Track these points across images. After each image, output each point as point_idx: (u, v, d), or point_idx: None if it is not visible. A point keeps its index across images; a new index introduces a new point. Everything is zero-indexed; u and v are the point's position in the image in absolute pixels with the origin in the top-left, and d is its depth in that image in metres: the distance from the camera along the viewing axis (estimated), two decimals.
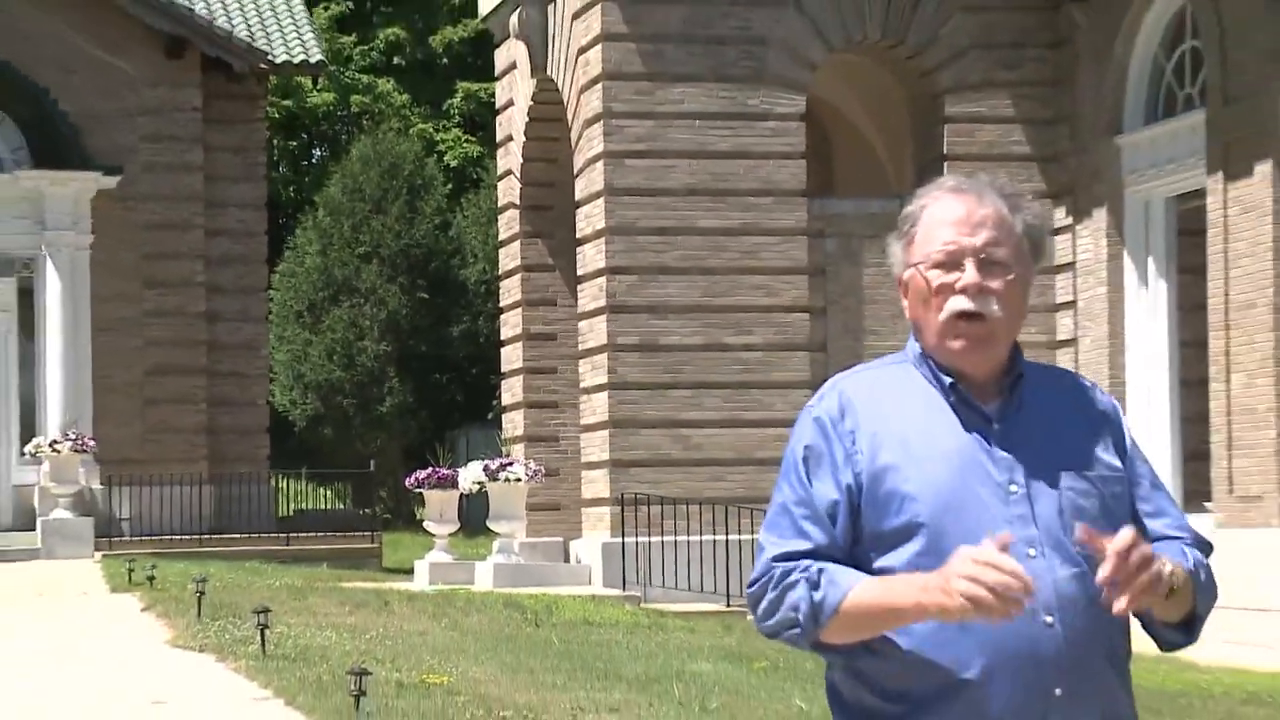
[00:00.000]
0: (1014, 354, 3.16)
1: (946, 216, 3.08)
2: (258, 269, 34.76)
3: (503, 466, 25.84)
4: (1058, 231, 24.91)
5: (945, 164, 24.86)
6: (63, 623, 19.42)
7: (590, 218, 24.87)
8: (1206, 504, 22.66)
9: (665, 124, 24.33)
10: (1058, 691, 2.93)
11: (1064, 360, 24.66)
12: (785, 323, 24.55)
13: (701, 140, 24.41)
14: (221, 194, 33.15)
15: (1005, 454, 3.04)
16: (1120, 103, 24.16)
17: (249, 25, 34.50)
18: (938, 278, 3.04)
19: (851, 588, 2.94)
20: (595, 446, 24.85)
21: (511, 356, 28.62)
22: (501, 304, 29.63)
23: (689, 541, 23.71)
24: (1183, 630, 3.09)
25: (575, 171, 25.53)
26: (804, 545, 3.03)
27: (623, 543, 23.84)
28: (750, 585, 3.11)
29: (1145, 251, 24.04)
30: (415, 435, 43.68)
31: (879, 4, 24.64)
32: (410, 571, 26.68)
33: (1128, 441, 3.22)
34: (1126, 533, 2.83)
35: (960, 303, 3.01)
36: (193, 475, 31.73)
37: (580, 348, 25.63)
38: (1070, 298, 24.86)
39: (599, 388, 24.67)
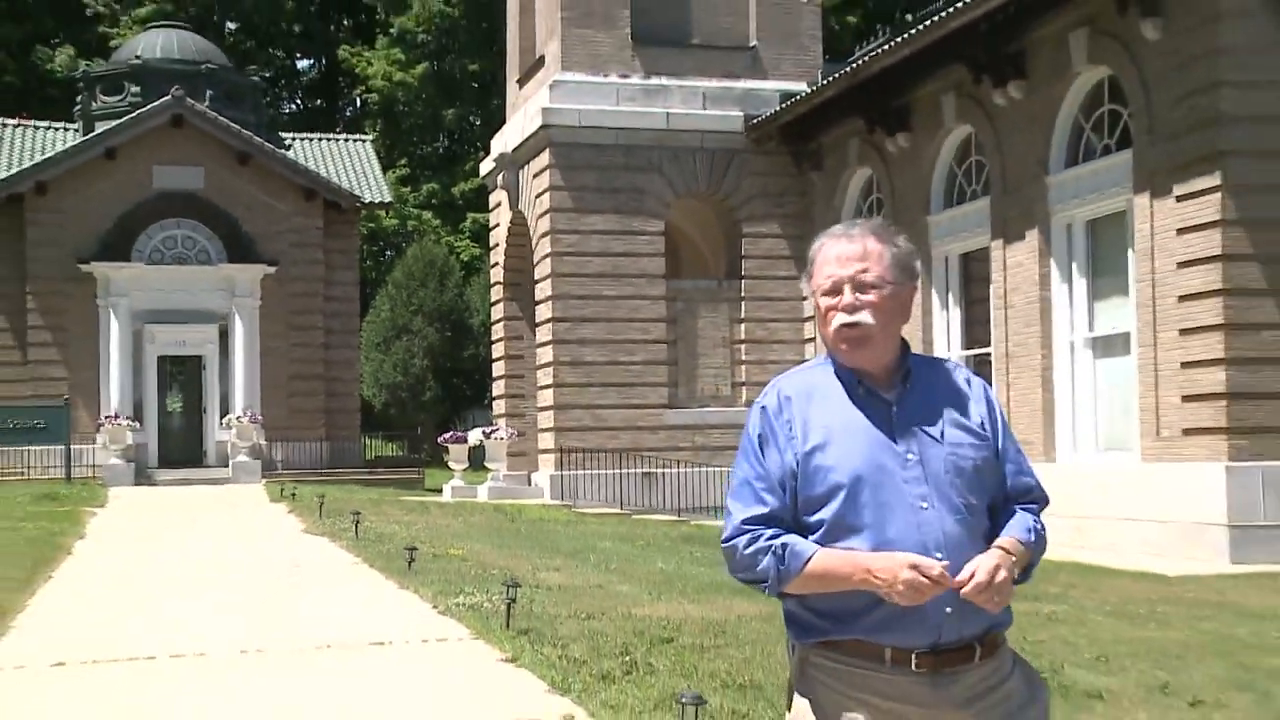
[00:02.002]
0: (904, 351, 2.76)
1: (829, 256, 2.74)
2: (352, 319, 34.58)
3: (493, 431, 25.98)
4: (806, 298, 25.06)
5: (742, 261, 25.04)
6: (242, 519, 19.39)
7: (543, 289, 24.73)
8: None
9: (585, 236, 24.21)
10: (948, 610, 2.55)
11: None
12: (653, 349, 24.41)
13: (606, 245, 24.26)
14: (333, 276, 32.94)
15: (902, 430, 2.65)
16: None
17: (350, 181, 34.30)
18: (826, 302, 2.71)
19: (807, 560, 2.57)
20: (546, 420, 24.75)
21: (498, 369, 28.44)
22: (492, 338, 29.51)
23: (599, 474, 23.73)
24: (1021, 577, 2.65)
25: (534, 263, 25.39)
26: (763, 510, 2.65)
27: (562, 474, 23.82)
28: (725, 540, 2.70)
29: None
30: (443, 414, 43.49)
31: (704, 172, 24.61)
32: (440, 491, 26.60)
33: (998, 413, 2.78)
34: (980, 573, 2.50)
35: (840, 318, 2.67)
36: (316, 436, 31.85)
37: (537, 364, 25.49)
38: (812, 335, 24.65)
39: (547, 386, 24.58)
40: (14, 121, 34.30)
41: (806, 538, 2.64)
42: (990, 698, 2.62)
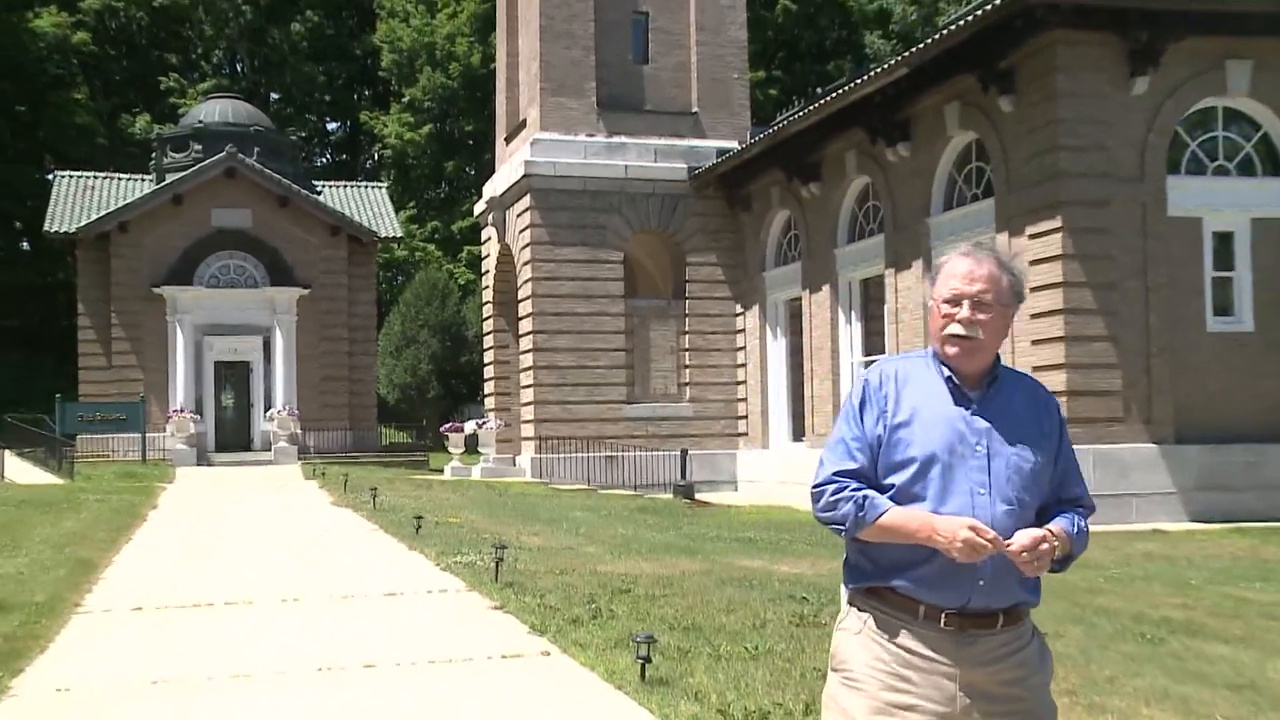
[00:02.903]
0: (996, 361, 2.59)
1: (956, 271, 2.55)
2: (371, 332, 34.24)
3: (485, 422, 25.96)
4: (738, 315, 25.26)
5: (686, 284, 25.16)
6: (282, 494, 19.21)
7: (525, 307, 24.67)
8: (803, 437, 23.15)
9: (559, 265, 24.19)
10: (980, 582, 2.43)
11: (741, 376, 25.07)
12: (614, 356, 24.42)
13: (576, 272, 24.26)
14: (355, 297, 32.70)
15: (978, 425, 2.50)
16: (763, 257, 24.43)
17: (369, 220, 34.05)
18: (945, 309, 2.54)
19: (883, 513, 2.45)
20: (527, 413, 24.67)
21: (488, 372, 28.29)
22: (484, 347, 29.35)
23: (570, 457, 23.71)
24: (1059, 565, 2.51)
25: (518, 286, 25.34)
26: (853, 465, 2.51)
27: (541, 457, 23.81)
28: (815, 485, 2.55)
29: (775, 324, 24.13)
30: (444, 408, 43.22)
31: (655, 213, 24.67)
32: (442, 471, 26.51)
33: (1063, 428, 2.63)
34: (1024, 537, 2.41)
35: (956, 328, 2.52)
36: (341, 426, 31.73)
37: (520, 367, 25.43)
38: (743, 345, 24.99)
39: (528, 386, 24.51)
40: (102, 175, 34.88)
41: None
42: (1007, 662, 2.47)
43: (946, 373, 2.55)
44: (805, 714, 4.83)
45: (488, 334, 28.63)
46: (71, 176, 34.19)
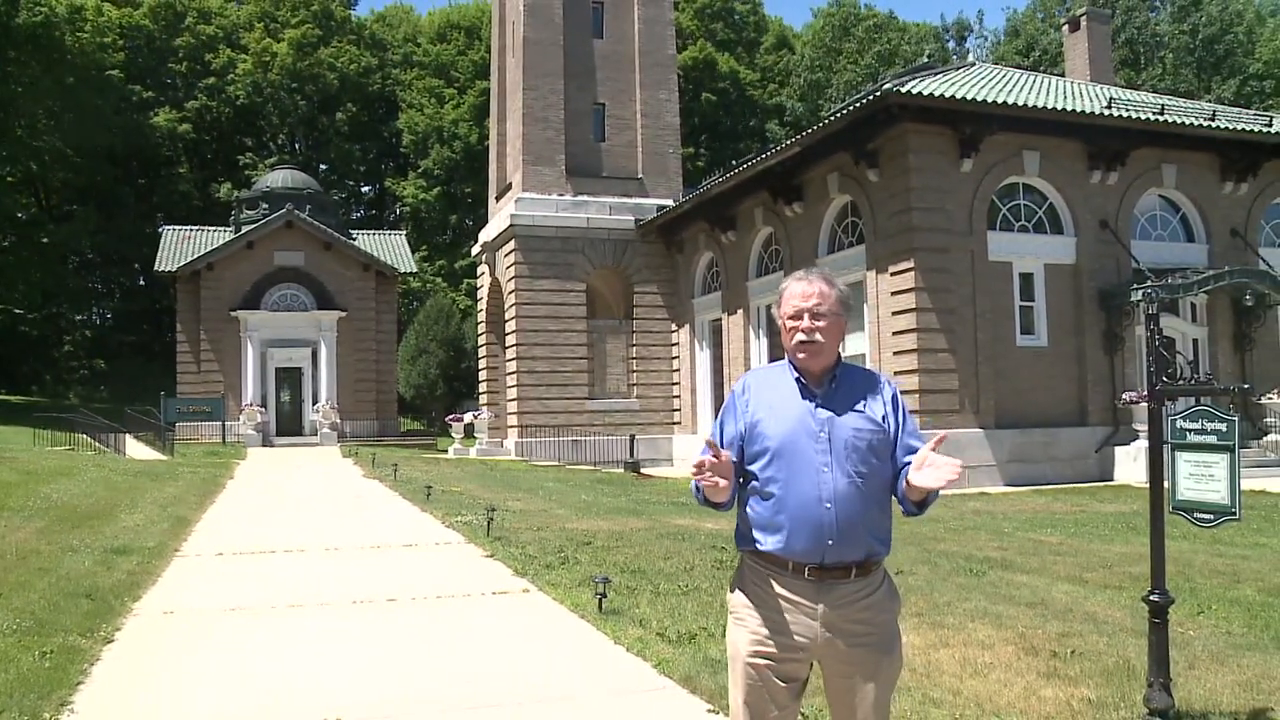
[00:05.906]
0: (837, 361, 2.44)
1: (794, 292, 2.42)
2: (392, 344, 33.72)
3: (479, 414, 25.63)
4: (673, 331, 25.30)
5: (634, 309, 25.15)
6: (325, 468, 18.79)
7: (510, 326, 24.34)
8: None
9: (536, 293, 23.97)
10: (830, 541, 2.32)
11: (676, 378, 25.10)
12: (578, 363, 24.20)
13: (549, 299, 24.06)
14: (380, 318, 32.23)
15: (821, 415, 2.36)
16: (692, 287, 24.42)
17: (392, 259, 33.51)
18: (791, 324, 2.40)
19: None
20: (512, 407, 24.38)
21: (482, 375, 27.96)
22: (478, 356, 29.02)
23: (545, 440, 23.51)
24: (918, 507, 2.37)
25: (505, 309, 25.11)
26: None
27: (522, 441, 23.57)
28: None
29: (701, 339, 24.11)
30: (449, 403, 42.65)
31: (610, 254, 24.59)
32: (446, 451, 26.16)
33: (899, 407, 2.44)
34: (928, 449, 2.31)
35: (801, 336, 2.38)
36: (371, 416, 31.20)
37: (506, 372, 25.16)
38: (677, 355, 24.92)
39: (512, 385, 24.24)
40: (196, 228, 35.07)
41: (749, 482, 2.42)
42: (859, 604, 2.38)
43: (796, 375, 2.42)
44: (723, 636, 4.84)
45: (481, 346, 28.37)
46: (174, 229, 34.50)
